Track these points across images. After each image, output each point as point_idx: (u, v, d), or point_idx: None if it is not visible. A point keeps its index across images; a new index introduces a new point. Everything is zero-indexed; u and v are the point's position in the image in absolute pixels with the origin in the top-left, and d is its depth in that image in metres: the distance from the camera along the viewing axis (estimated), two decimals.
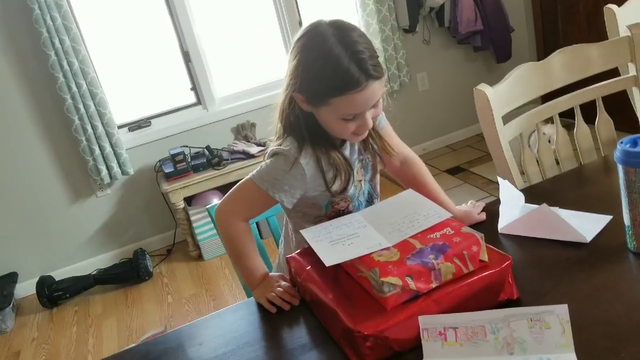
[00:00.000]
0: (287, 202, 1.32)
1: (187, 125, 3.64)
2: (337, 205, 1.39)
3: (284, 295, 1.24)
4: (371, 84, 1.18)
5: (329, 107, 1.21)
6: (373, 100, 1.22)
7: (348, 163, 1.35)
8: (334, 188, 1.33)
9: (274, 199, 1.32)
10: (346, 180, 1.34)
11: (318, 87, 1.20)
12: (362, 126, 1.25)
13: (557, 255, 1.19)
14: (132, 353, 1.21)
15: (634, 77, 1.78)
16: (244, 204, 1.36)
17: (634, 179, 1.06)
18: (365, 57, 1.17)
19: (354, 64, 1.16)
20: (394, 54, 3.91)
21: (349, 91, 1.17)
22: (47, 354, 2.92)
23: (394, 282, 0.98)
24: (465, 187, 3.69)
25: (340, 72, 1.16)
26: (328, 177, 1.32)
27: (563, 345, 0.89)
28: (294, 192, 1.32)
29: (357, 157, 1.40)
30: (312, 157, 1.30)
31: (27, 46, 3.22)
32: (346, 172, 1.33)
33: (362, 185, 1.42)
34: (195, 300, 3.10)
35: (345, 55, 1.16)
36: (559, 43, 4.01)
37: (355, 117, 1.23)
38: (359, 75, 1.16)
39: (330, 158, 1.31)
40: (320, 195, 1.36)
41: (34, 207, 3.49)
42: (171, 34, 3.60)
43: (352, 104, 1.19)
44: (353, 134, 1.28)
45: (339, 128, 1.26)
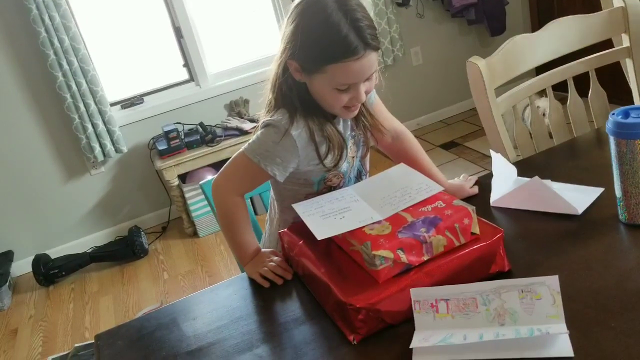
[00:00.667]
0: (279, 175, 1.31)
1: (180, 102, 3.62)
2: (329, 182, 1.38)
3: (277, 269, 1.25)
4: (369, 54, 1.18)
5: (324, 76, 1.20)
6: (369, 71, 1.21)
7: (342, 137, 1.34)
8: (327, 162, 1.32)
9: (266, 172, 1.30)
10: (339, 154, 1.32)
11: (315, 53, 1.19)
12: (355, 98, 1.23)
13: (549, 228, 1.19)
14: (127, 328, 1.21)
15: (627, 48, 1.77)
16: (238, 178, 1.35)
17: (625, 151, 1.06)
18: (364, 26, 1.16)
19: (353, 31, 1.15)
20: (388, 28, 3.89)
21: (347, 59, 1.16)
22: (45, 331, 2.93)
23: (386, 255, 0.99)
24: (459, 161, 3.69)
25: (339, 38, 1.15)
26: (321, 150, 1.30)
27: (553, 315, 0.90)
28: (286, 164, 1.30)
29: (350, 134, 1.39)
30: (305, 128, 1.28)
31: (17, 24, 3.18)
32: (339, 145, 1.32)
33: (354, 162, 1.42)
34: (191, 277, 3.11)
35: (345, 22, 1.15)
36: (554, 15, 3.97)
37: (349, 89, 1.22)
38: (358, 43, 1.15)
39: (323, 130, 1.30)
40: (313, 171, 1.34)
41: (29, 185, 3.48)
42: (162, 9, 3.56)
43: (348, 72, 1.18)
44: (344, 109, 1.27)
45: (331, 99, 1.24)
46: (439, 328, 0.95)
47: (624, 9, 1.73)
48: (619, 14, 1.74)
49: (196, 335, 1.12)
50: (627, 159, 1.07)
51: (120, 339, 1.18)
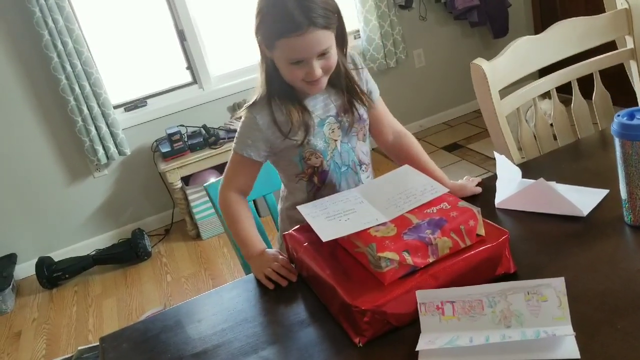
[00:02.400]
0: (255, 156, 1.39)
1: (184, 104, 3.62)
2: (309, 161, 1.42)
3: (281, 270, 1.26)
4: (313, 31, 1.23)
5: (277, 51, 1.28)
6: (316, 48, 1.26)
7: (306, 111, 1.39)
8: (294, 137, 1.37)
9: (248, 158, 1.39)
10: (304, 129, 1.37)
11: (267, 29, 1.28)
12: (310, 74, 1.29)
13: (554, 229, 1.19)
14: (131, 330, 1.21)
15: (631, 50, 1.77)
16: (232, 174, 1.45)
17: (630, 152, 1.06)
18: (312, 5, 1.22)
19: (298, 8, 1.21)
20: (390, 30, 3.89)
21: (291, 34, 1.22)
22: (48, 333, 2.93)
23: (391, 257, 0.98)
24: (462, 163, 3.68)
25: (283, 14, 1.22)
26: (281, 123, 1.37)
27: (560, 317, 0.90)
28: (257, 144, 1.39)
29: (331, 115, 1.42)
30: (267, 105, 1.37)
31: (20, 26, 3.19)
32: (299, 121, 1.37)
33: (338, 146, 1.44)
34: (194, 279, 3.11)
35: (292, 0, 1.22)
36: (557, 17, 3.97)
37: (303, 64, 1.28)
38: (302, 19, 1.21)
39: (285, 105, 1.37)
40: (289, 149, 1.40)
41: (32, 188, 3.48)
42: (166, 12, 3.56)
43: (294, 47, 1.25)
44: (306, 84, 1.33)
45: (289, 74, 1.31)
46: (445, 330, 0.94)
47: (627, 10, 1.73)
48: (623, 15, 1.74)
49: (201, 337, 1.12)
50: (633, 161, 1.07)
51: (125, 342, 1.18)
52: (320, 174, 1.44)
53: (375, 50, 3.89)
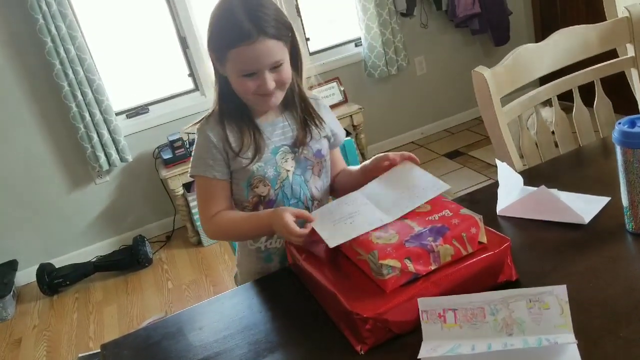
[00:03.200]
0: (220, 174, 1.36)
1: (185, 111, 3.63)
2: (256, 189, 1.38)
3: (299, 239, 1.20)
4: (264, 40, 1.22)
5: (229, 64, 1.27)
6: (268, 59, 1.25)
7: (258, 131, 1.37)
8: (243, 155, 1.35)
9: (214, 179, 1.36)
10: (249, 147, 1.35)
11: (217, 41, 1.27)
12: (262, 86, 1.27)
13: (556, 237, 1.19)
14: (133, 337, 1.21)
15: (633, 58, 1.77)
16: (204, 202, 1.40)
17: (631, 160, 1.06)
18: (261, 15, 1.22)
19: (247, 19, 1.21)
20: (392, 38, 3.90)
21: (240, 43, 1.21)
22: (48, 340, 2.93)
23: (393, 265, 0.98)
24: (464, 170, 3.69)
25: (232, 24, 1.22)
26: (233, 141, 1.35)
27: (562, 325, 0.89)
28: (220, 163, 1.36)
29: (287, 145, 1.39)
30: (219, 123, 1.36)
31: (23, 34, 3.20)
32: (250, 139, 1.35)
33: (290, 177, 1.39)
34: (195, 286, 3.10)
35: (240, 10, 1.22)
36: (558, 25, 3.98)
37: (255, 76, 1.26)
38: (251, 28, 1.21)
39: (238, 124, 1.36)
40: (238, 172, 1.37)
41: (33, 195, 3.48)
42: (168, 20, 3.58)
43: (244, 57, 1.24)
44: (258, 97, 1.30)
45: (240, 87, 1.29)
46: (446, 338, 0.94)
47: (628, 19, 1.73)
48: (624, 24, 1.74)
49: (202, 345, 1.12)
50: (634, 168, 1.07)
51: (126, 349, 1.18)
52: (266, 204, 1.40)
53: (376, 57, 3.90)
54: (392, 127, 4.29)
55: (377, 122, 4.15)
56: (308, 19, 3.88)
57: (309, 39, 3.93)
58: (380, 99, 4.17)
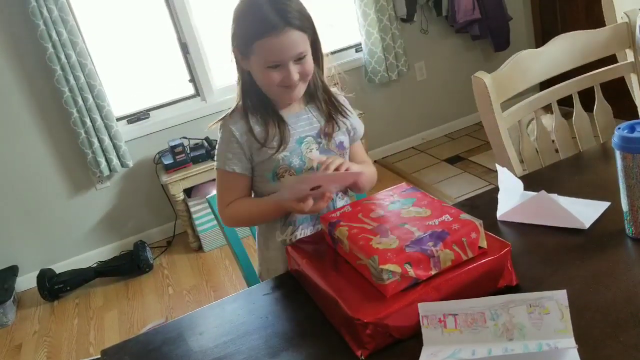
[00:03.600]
0: (239, 169, 1.40)
1: (186, 116, 3.63)
2: (282, 179, 1.41)
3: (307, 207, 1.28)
4: (290, 31, 1.26)
5: (255, 56, 1.30)
6: (293, 50, 1.29)
7: (283, 122, 1.40)
8: (269, 145, 1.38)
9: (232, 173, 1.40)
10: (274, 137, 1.38)
11: (244, 33, 1.30)
12: (287, 77, 1.31)
13: (556, 242, 1.19)
14: (133, 343, 1.21)
15: (632, 63, 1.77)
16: (223, 192, 1.45)
17: (631, 165, 1.06)
18: (286, 7, 1.26)
19: (274, 10, 1.25)
20: (392, 43, 3.90)
21: (268, 34, 1.25)
22: (49, 346, 2.93)
23: (393, 270, 0.99)
24: (464, 176, 3.69)
25: (259, 15, 1.25)
26: (258, 133, 1.38)
27: (562, 330, 0.89)
28: (239, 157, 1.39)
29: (311, 135, 1.44)
30: (243, 116, 1.39)
31: (24, 39, 3.21)
32: (276, 130, 1.38)
33: (315, 167, 1.43)
34: (196, 292, 3.10)
35: (266, 2, 1.25)
36: (558, 31, 4.00)
37: (280, 67, 1.30)
38: (278, 20, 1.25)
39: (262, 116, 1.39)
40: (264, 163, 1.40)
41: (34, 200, 3.49)
42: (169, 25, 3.58)
43: (271, 48, 1.27)
44: (282, 90, 1.34)
45: (265, 79, 1.32)
46: (447, 343, 0.94)
47: (628, 24, 1.74)
48: (623, 29, 1.75)
49: (203, 350, 1.12)
50: (634, 173, 1.07)
51: (126, 354, 1.17)
52: None
53: (377, 63, 3.91)
54: (392, 133, 4.29)
55: (378, 127, 4.15)
56: None
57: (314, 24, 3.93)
58: (380, 105, 4.18)
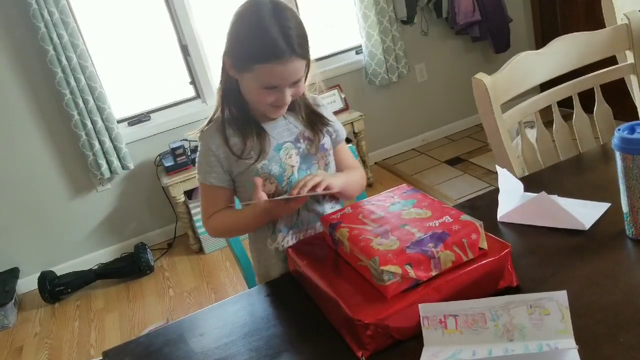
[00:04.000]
0: (218, 182, 1.40)
1: (187, 119, 3.64)
2: (263, 187, 1.37)
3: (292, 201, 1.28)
4: (294, 60, 1.26)
5: (252, 75, 1.28)
6: (294, 77, 1.29)
7: (262, 132, 1.39)
8: (247, 156, 1.37)
9: (215, 187, 1.40)
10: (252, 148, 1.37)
11: (245, 51, 1.27)
12: (280, 99, 1.32)
13: (556, 243, 1.19)
14: (134, 344, 1.21)
15: (632, 64, 1.78)
16: (206, 205, 1.45)
17: (631, 166, 1.07)
18: (293, 34, 1.25)
19: (282, 37, 1.23)
20: (392, 45, 3.91)
21: (273, 61, 1.24)
22: (50, 348, 2.93)
23: (394, 271, 0.99)
24: (465, 177, 3.69)
25: (268, 40, 1.23)
26: (234, 145, 1.37)
27: (562, 331, 0.90)
28: (217, 170, 1.39)
29: (289, 141, 1.42)
30: (220, 128, 1.38)
31: (25, 41, 3.22)
32: (254, 140, 1.37)
33: (295, 172, 1.42)
34: (197, 294, 3.10)
35: (275, 27, 1.23)
36: (558, 32, 4.00)
37: (275, 90, 1.30)
38: (285, 47, 1.24)
39: (240, 127, 1.38)
40: (243, 174, 1.39)
41: (35, 202, 3.49)
42: (169, 28, 3.59)
43: (273, 74, 1.26)
44: (272, 108, 1.34)
45: (258, 97, 1.32)
46: (448, 344, 0.94)
47: (628, 26, 1.74)
48: (623, 30, 1.75)
49: (204, 351, 1.12)
50: (634, 174, 1.07)
51: (127, 356, 1.18)
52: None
53: (377, 65, 3.92)
54: (393, 134, 4.30)
55: (378, 129, 4.16)
56: (309, 27, 3.87)
57: (310, 46, 3.93)
58: (381, 106, 4.18)
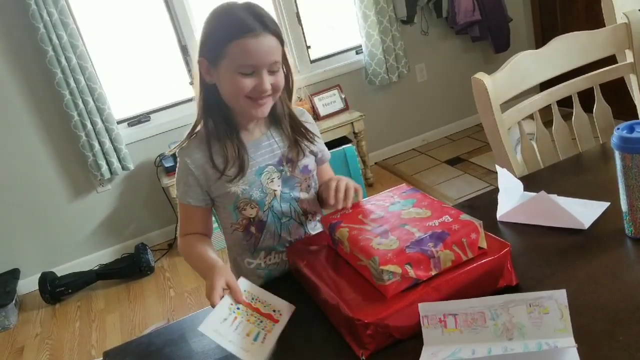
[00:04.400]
0: (194, 201, 1.36)
1: (187, 119, 3.57)
2: (244, 211, 1.37)
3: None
4: (267, 35, 1.22)
5: (226, 61, 1.23)
6: (269, 56, 1.24)
7: (242, 145, 1.33)
8: (229, 173, 1.32)
9: (190, 206, 1.37)
10: (234, 162, 1.32)
11: (216, 37, 1.25)
12: (259, 86, 1.25)
13: (556, 242, 1.19)
14: (135, 344, 1.22)
15: (631, 64, 1.78)
16: (182, 222, 1.42)
17: (630, 165, 1.07)
18: (263, 14, 1.23)
19: (251, 15, 1.21)
20: (392, 45, 3.91)
21: (245, 35, 1.20)
22: (51, 349, 2.93)
23: (393, 270, 0.99)
24: (465, 177, 3.69)
25: (235, 19, 1.22)
26: (216, 159, 1.32)
27: (561, 329, 0.90)
28: (194, 189, 1.35)
29: (271, 164, 1.37)
30: (201, 143, 1.34)
31: (24, 42, 3.22)
32: (235, 153, 1.32)
33: (277, 196, 1.38)
34: (197, 294, 3.10)
35: (243, 10, 1.22)
36: (557, 32, 4.00)
37: (253, 75, 1.24)
38: (254, 23, 1.21)
39: (222, 138, 1.33)
40: (224, 196, 1.35)
41: (35, 203, 3.49)
42: (169, 28, 3.59)
43: (247, 50, 1.21)
44: (250, 102, 1.27)
45: (236, 85, 1.25)
46: (447, 343, 0.95)
47: (627, 25, 1.74)
48: (623, 30, 1.75)
49: (204, 351, 1.13)
50: (633, 173, 1.07)
51: (128, 355, 1.18)
52: (257, 225, 1.39)
53: (377, 65, 3.92)
54: (393, 134, 4.30)
55: (379, 129, 4.16)
56: (309, 27, 3.90)
57: (310, 47, 3.95)
58: (381, 106, 4.19)
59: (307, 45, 3.92)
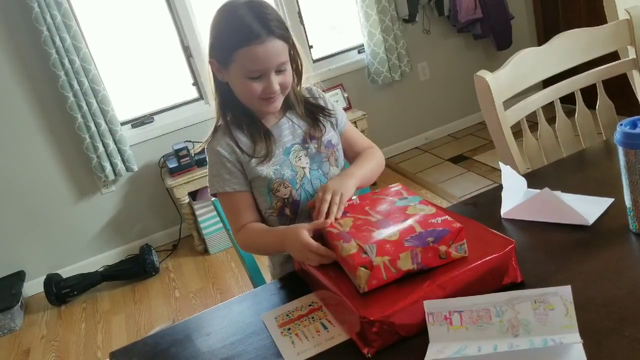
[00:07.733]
0: (239, 186, 1.39)
1: (190, 120, 3.65)
2: (278, 193, 1.40)
3: (316, 262, 1.17)
4: (273, 40, 1.26)
5: (235, 66, 1.29)
6: (276, 59, 1.28)
7: (267, 131, 1.39)
8: (257, 155, 1.37)
9: (234, 193, 1.39)
10: (265, 147, 1.37)
11: (223, 42, 1.29)
12: (268, 88, 1.30)
13: (560, 239, 1.19)
14: (141, 345, 1.22)
15: (634, 60, 1.78)
16: (232, 216, 1.43)
17: (634, 161, 1.07)
18: (268, 17, 1.26)
19: (256, 20, 1.25)
20: (394, 44, 3.91)
21: (251, 42, 1.24)
22: (57, 350, 2.94)
23: None
24: (468, 175, 3.69)
25: (242, 25, 1.24)
26: (244, 144, 1.37)
27: (567, 325, 0.90)
28: (236, 175, 1.38)
29: (297, 143, 1.43)
30: (226, 133, 1.38)
31: (28, 45, 3.23)
32: (261, 139, 1.37)
33: (307, 174, 1.42)
34: (202, 294, 3.11)
35: (248, 13, 1.25)
36: (559, 29, 3.99)
37: (261, 78, 1.29)
38: (260, 29, 1.24)
39: (245, 125, 1.38)
40: (257, 180, 1.39)
41: (40, 206, 3.50)
42: (172, 29, 3.60)
43: (254, 57, 1.26)
44: (262, 101, 1.33)
45: (246, 90, 1.31)
46: (453, 340, 0.95)
47: (629, 21, 1.74)
48: (625, 26, 1.75)
49: (210, 351, 1.13)
50: (636, 169, 1.07)
51: (134, 356, 1.18)
52: (291, 205, 1.41)
53: (379, 64, 3.92)
54: (396, 133, 4.30)
55: (382, 128, 4.16)
56: (311, 27, 3.90)
57: (312, 46, 3.95)
58: (384, 105, 4.19)
59: (309, 44, 3.92)
